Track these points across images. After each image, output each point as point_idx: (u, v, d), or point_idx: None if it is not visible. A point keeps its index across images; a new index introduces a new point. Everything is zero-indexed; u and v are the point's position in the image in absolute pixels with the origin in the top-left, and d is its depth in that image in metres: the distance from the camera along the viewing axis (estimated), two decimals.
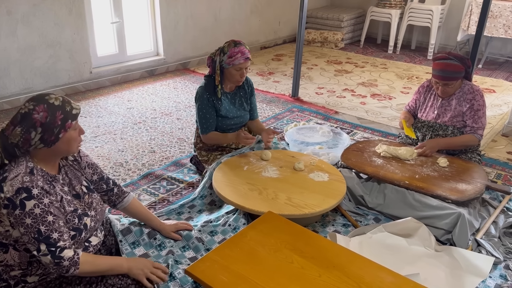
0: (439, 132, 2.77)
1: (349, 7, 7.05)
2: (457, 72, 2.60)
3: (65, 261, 1.45)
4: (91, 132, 3.49)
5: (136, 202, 1.91)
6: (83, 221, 1.58)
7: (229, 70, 2.57)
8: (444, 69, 2.60)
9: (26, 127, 1.43)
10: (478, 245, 2.15)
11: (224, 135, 2.67)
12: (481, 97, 2.66)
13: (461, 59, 2.62)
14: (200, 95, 2.63)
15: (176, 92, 4.46)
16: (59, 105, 1.47)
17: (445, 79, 2.62)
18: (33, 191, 1.42)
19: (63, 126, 1.47)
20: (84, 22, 4.21)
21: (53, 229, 1.44)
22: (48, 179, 1.51)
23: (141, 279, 1.61)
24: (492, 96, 4.55)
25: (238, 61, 2.53)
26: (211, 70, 2.65)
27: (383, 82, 4.93)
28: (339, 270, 1.61)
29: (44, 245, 1.43)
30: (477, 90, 2.67)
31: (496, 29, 5.29)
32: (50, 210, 1.45)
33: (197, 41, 5.37)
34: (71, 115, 1.50)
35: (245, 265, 1.62)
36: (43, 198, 1.44)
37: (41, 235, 1.42)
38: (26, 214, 1.40)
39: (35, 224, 1.41)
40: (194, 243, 1.97)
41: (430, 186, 2.36)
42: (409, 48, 6.47)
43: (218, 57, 2.56)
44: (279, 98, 4.38)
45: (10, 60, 3.80)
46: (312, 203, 2.19)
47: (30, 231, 1.42)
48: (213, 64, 2.60)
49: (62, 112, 1.47)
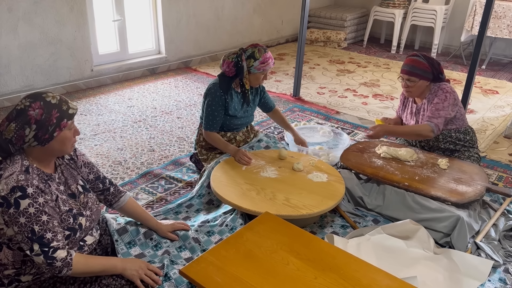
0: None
1: (353, 6, 7.02)
2: (421, 70, 2.61)
3: (57, 261, 1.44)
4: (90, 130, 3.49)
5: (133, 202, 1.90)
6: (78, 220, 1.57)
7: (257, 74, 2.59)
8: (409, 64, 2.64)
9: (20, 123, 1.42)
10: (477, 248, 2.13)
11: (225, 144, 2.64)
12: (443, 93, 2.62)
13: (430, 60, 2.64)
14: (212, 92, 2.59)
15: (177, 91, 4.45)
16: (56, 104, 1.46)
17: (407, 73, 2.64)
18: (28, 189, 1.41)
19: (58, 125, 1.46)
20: (85, 20, 4.21)
21: (47, 229, 1.43)
22: (43, 178, 1.50)
23: (135, 280, 1.60)
24: (495, 97, 4.52)
25: (269, 67, 2.58)
26: (230, 74, 2.59)
27: (386, 83, 4.90)
28: (335, 272, 1.59)
29: (37, 245, 1.42)
30: (442, 89, 2.65)
31: (500, 30, 5.25)
32: (45, 210, 1.44)
33: (199, 40, 5.35)
34: (68, 114, 1.49)
35: (240, 267, 1.61)
36: (37, 197, 1.42)
37: (35, 234, 1.41)
38: (20, 213, 1.39)
39: (29, 224, 1.40)
40: (191, 243, 1.95)
41: (430, 187, 2.34)
42: (413, 49, 6.44)
43: (245, 62, 2.53)
44: (280, 98, 4.36)
45: (11, 57, 3.79)
46: (310, 204, 2.17)
47: (23, 230, 1.41)
48: (238, 68, 2.55)
49: (58, 111, 1.46)
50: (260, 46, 2.59)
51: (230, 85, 2.62)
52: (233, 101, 2.65)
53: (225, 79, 2.62)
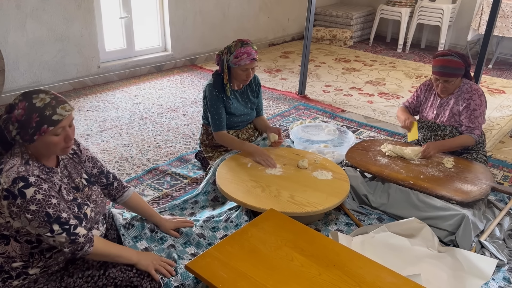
0: (437, 132, 2.75)
1: (359, 5, 7.00)
2: (458, 69, 2.57)
3: (80, 237, 1.47)
4: (97, 126, 3.52)
5: (137, 197, 1.91)
6: (83, 210, 1.58)
7: (235, 70, 2.57)
8: (445, 65, 2.57)
9: (7, 119, 1.43)
10: (482, 246, 2.13)
11: (241, 143, 2.61)
12: (478, 97, 2.63)
13: (462, 56, 2.59)
14: (209, 93, 2.62)
15: (183, 88, 4.47)
16: (39, 108, 1.42)
17: (445, 75, 2.58)
18: (30, 179, 1.41)
19: (38, 129, 1.42)
20: (92, 17, 4.23)
21: (60, 210, 1.45)
22: (44, 170, 1.51)
23: (150, 270, 1.63)
24: (502, 97, 4.50)
25: (244, 62, 2.52)
26: (220, 68, 2.65)
27: (391, 81, 4.89)
28: (339, 269, 1.60)
29: (57, 224, 1.43)
30: (475, 90, 2.64)
31: (507, 29, 5.22)
32: (52, 194, 1.45)
33: (205, 38, 5.37)
34: (49, 120, 1.42)
35: (245, 262, 1.62)
36: (41, 184, 1.43)
37: (51, 217, 1.43)
38: (29, 202, 1.40)
39: (41, 208, 1.41)
40: (196, 238, 1.97)
41: (435, 186, 2.34)
42: (419, 47, 6.42)
43: (225, 56, 2.56)
44: (286, 96, 4.37)
45: (19, 54, 3.83)
46: (315, 201, 2.18)
47: (38, 215, 1.41)
48: (221, 62, 2.60)
49: (39, 115, 1.41)
50: (241, 40, 2.55)
51: (222, 82, 2.63)
52: (231, 99, 2.66)
53: (218, 77, 2.64)
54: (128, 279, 1.62)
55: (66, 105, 1.47)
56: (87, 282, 1.58)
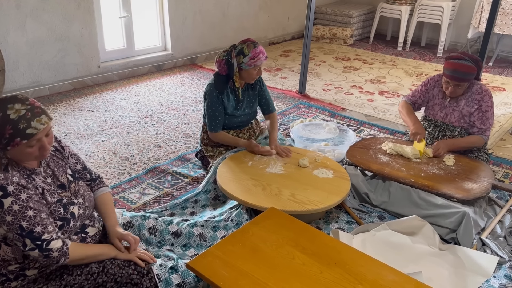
0: (446, 132, 2.75)
1: (359, 3, 6.99)
2: (470, 74, 2.54)
3: (54, 252, 1.46)
4: (98, 126, 3.52)
5: (107, 196, 1.83)
6: (69, 210, 1.57)
7: (249, 70, 2.54)
8: (458, 70, 2.52)
9: None
10: (483, 244, 2.13)
11: (235, 140, 2.66)
12: (489, 98, 2.62)
13: (475, 61, 2.56)
14: (209, 93, 2.60)
15: (183, 87, 4.47)
16: (13, 120, 1.39)
17: (457, 80, 2.55)
18: (9, 188, 1.40)
19: (11, 141, 1.40)
20: (92, 17, 4.23)
21: (35, 223, 1.43)
22: (25, 173, 1.50)
23: (132, 258, 1.63)
24: (502, 94, 4.49)
25: (260, 62, 2.51)
26: (223, 72, 2.58)
27: (392, 79, 4.89)
28: (341, 267, 1.60)
29: (29, 240, 1.42)
30: (485, 91, 2.63)
31: (507, 27, 5.21)
32: (29, 205, 1.43)
33: (205, 37, 5.36)
34: (23, 134, 1.40)
35: (247, 261, 1.62)
36: (20, 194, 1.42)
37: (24, 230, 1.42)
38: (5, 212, 1.39)
39: (16, 221, 1.41)
40: (196, 241, 1.97)
41: (436, 184, 2.34)
42: (419, 45, 6.41)
43: (235, 59, 2.50)
44: (286, 95, 4.36)
45: (19, 54, 3.83)
46: (316, 200, 2.18)
47: (12, 228, 1.41)
48: (229, 66, 2.53)
49: (13, 128, 1.39)
50: (250, 41, 2.54)
51: (226, 84, 2.60)
52: (230, 100, 2.65)
53: (221, 78, 2.60)
54: (127, 276, 1.61)
55: (42, 118, 1.44)
56: (86, 279, 1.58)
